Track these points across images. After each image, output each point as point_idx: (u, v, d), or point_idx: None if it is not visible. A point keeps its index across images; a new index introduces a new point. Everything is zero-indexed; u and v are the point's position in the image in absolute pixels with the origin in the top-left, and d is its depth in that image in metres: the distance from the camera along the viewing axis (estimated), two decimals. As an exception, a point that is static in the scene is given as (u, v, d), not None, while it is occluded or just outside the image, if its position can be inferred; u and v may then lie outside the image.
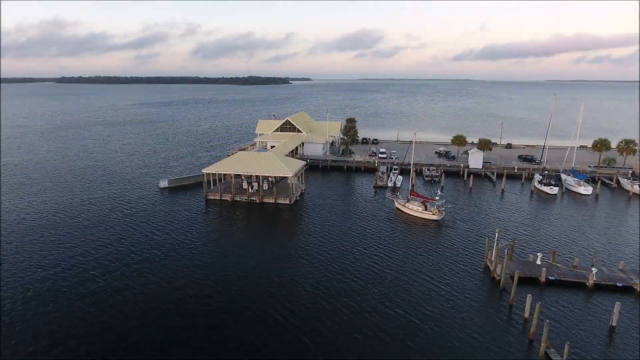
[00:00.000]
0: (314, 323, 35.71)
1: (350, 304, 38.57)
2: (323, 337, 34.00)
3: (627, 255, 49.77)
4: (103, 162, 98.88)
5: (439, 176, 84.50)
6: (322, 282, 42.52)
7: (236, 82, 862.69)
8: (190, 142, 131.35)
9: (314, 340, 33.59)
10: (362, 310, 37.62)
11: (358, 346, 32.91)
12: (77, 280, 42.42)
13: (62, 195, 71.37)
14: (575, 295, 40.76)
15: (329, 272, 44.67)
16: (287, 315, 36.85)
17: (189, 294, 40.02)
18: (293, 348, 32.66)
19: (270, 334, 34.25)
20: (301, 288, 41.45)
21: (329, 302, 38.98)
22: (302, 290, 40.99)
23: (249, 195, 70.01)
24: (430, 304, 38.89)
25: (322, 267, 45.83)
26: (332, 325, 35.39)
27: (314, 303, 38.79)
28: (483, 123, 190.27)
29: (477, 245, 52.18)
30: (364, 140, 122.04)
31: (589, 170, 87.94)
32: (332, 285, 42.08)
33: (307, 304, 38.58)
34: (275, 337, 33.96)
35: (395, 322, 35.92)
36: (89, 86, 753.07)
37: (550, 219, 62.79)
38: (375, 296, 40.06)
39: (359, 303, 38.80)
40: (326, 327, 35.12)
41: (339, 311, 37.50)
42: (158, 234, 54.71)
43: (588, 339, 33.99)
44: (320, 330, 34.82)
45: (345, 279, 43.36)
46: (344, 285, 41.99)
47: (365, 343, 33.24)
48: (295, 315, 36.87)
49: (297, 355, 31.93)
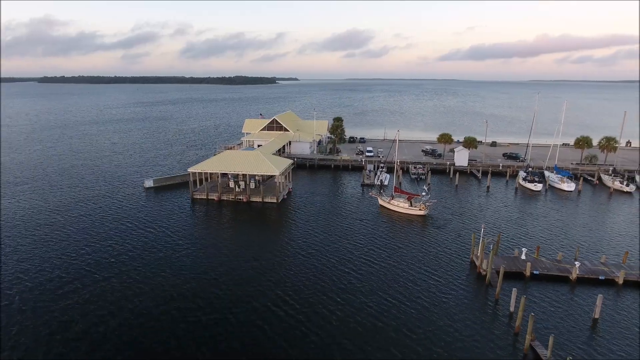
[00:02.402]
0: (304, 320, 35.56)
1: (338, 301, 38.49)
2: (313, 334, 33.88)
3: (609, 250, 50.79)
4: (87, 162, 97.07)
5: (425, 174, 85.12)
6: (311, 279, 42.38)
7: (222, 81, 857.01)
8: (176, 142, 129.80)
9: (304, 337, 33.46)
10: (351, 307, 37.56)
11: (347, 344, 32.86)
12: (56, 284, 41.50)
13: (44, 195, 69.77)
14: (559, 288, 41.39)
15: (317, 270, 44.55)
16: (276, 313, 36.62)
17: (174, 297, 39.41)
18: (282, 346, 32.46)
19: (260, 333, 33.98)
20: (290, 286, 41.22)
21: (318, 300, 38.86)
22: (291, 289, 40.77)
23: (235, 195, 69.46)
24: (417, 299, 39.06)
25: (310, 265, 45.68)
26: (322, 324, 35.26)
27: (303, 301, 38.62)
28: (469, 122, 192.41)
29: (463, 241, 52.65)
30: (351, 139, 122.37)
31: (571, 167, 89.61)
32: (320, 282, 41.94)
33: (296, 303, 38.37)
34: (264, 336, 33.70)
35: (382, 318, 35.95)
36: (69, 86, 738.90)
37: (535, 215, 63.74)
38: (363, 293, 40.05)
39: (346, 301, 38.74)
40: (316, 325, 34.99)
41: (328, 309, 37.38)
42: (142, 235, 53.84)
43: (572, 331, 34.54)
44: (310, 328, 34.68)
45: (332, 276, 43.27)
46: (332, 283, 41.89)
47: (355, 340, 33.22)
48: (284, 313, 36.67)
49: (287, 354, 31.76)
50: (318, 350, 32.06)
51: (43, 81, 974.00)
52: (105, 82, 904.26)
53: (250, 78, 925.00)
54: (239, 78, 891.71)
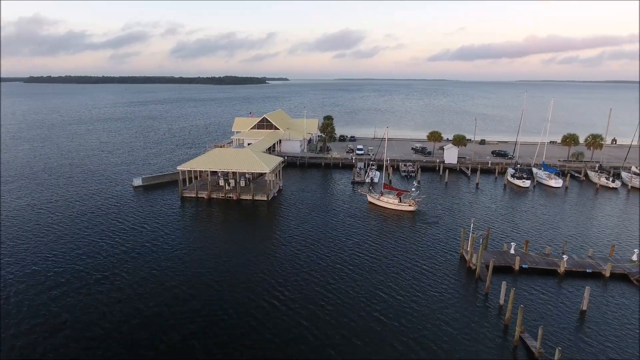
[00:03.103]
0: (295, 316, 35.41)
1: (329, 297, 38.41)
2: (304, 332, 33.73)
3: (596, 243, 51.51)
4: (75, 161, 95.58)
5: (415, 171, 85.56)
6: (301, 275, 42.22)
7: (212, 81, 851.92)
8: (166, 141, 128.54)
9: (295, 336, 33.30)
10: (342, 303, 37.51)
11: (338, 339, 32.78)
12: (43, 285, 40.75)
13: (30, 194, 68.49)
14: (547, 282, 41.83)
15: (307, 266, 44.40)
16: (266, 311, 36.41)
17: (164, 299, 38.95)
18: (273, 346, 32.24)
19: (250, 333, 33.74)
20: (282, 283, 41.02)
21: (309, 296, 38.72)
22: (283, 286, 40.57)
23: (225, 193, 68.98)
24: (407, 293, 39.14)
25: (300, 262, 45.51)
26: (314, 321, 35.14)
27: (295, 297, 38.46)
28: (458, 120, 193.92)
29: (453, 236, 52.95)
30: (341, 137, 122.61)
31: (558, 164, 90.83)
32: (311, 278, 41.81)
33: (289, 300, 38.20)
34: (256, 335, 33.47)
35: (373, 313, 35.96)
36: (54, 86, 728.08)
37: (523, 211, 64.40)
38: (353, 288, 40.01)
39: (337, 296, 38.66)
40: (308, 323, 34.84)
41: (319, 305, 37.27)
42: (131, 234, 53.08)
43: (561, 323, 34.90)
44: (301, 323, 34.54)
45: (324, 272, 43.17)
46: (322, 279, 41.77)
47: (347, 335, 33.15)
48: (277, 311, 36.47)
49: (278, 350, 31.57)
50: (310, 344, 31.92)
51: (29, 81, 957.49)
52: (92, 82, 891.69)
53: (240, 78, 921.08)
54: (229, 78, 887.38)
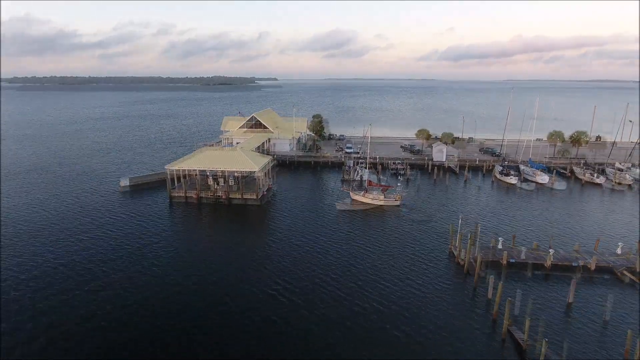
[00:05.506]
0: (288, 317, 35.35)
1: (321, 295, 38.44)
2: (299, 331, 33.69)
3: (582, 238, 52.38)
4: (63, 160, 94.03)
5: (404, 169, 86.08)
6: (290, 273, 42.16)
7: (199, 82, 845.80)
8: (155, 140, 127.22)
9: (287, 335, 33.23)
10: (331, 300, 37.57)
11: (329, 337, 32.82)
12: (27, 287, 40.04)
13: (16, 196, 67.20)
14: (535, 275, 42.43)
15: (297, 264, 44.36)
16: (259, 311, 36.28)
17: (155, 305, 38.48)
18: (265, 346, 32.13)
19: (243, 334, 33.56)
20: (273, 282, 40.91)
21: (299, 294, 38.69)
22: (275, 284, 40.47)
23: (215, 192, 68.48)
24: (396, 289, 39.34)
25: (290, 260, 45.46)
26: (302, 319, 35.14)
27: (288, 295, 38.40)
28: (446, 119, 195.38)
29: (442, 232, 53.36)
30: (330, 136, 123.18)
31: (545, 161, 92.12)
32: (301, 276, 41.78)
33: (281, 297, 38.12)
34: (248, 335, 33.31)
35: (363, 309, 36.06)
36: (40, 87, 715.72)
37: (511, 206, 65.22)
38: (343, 285, 40.08)
39: (328, 294, 38.73)
40: (301, 321, 34.83)
41: (310, 302, 37.27)
42: (117, 236, 52.17)
43: (547, 315, 35.38)
44: (295, 324, 34.50)
45: (314, 270, 43.16)
46: (312, 276, 41.77)
47: (338, 332, 33.21)
48: (270, 310, 36.34)
49: (267, 351, 31.46)
50: (300, 343, 31.90)
51: (13, 82, 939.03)
52: (78, 82, 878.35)
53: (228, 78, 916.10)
54: (217, 78, 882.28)
